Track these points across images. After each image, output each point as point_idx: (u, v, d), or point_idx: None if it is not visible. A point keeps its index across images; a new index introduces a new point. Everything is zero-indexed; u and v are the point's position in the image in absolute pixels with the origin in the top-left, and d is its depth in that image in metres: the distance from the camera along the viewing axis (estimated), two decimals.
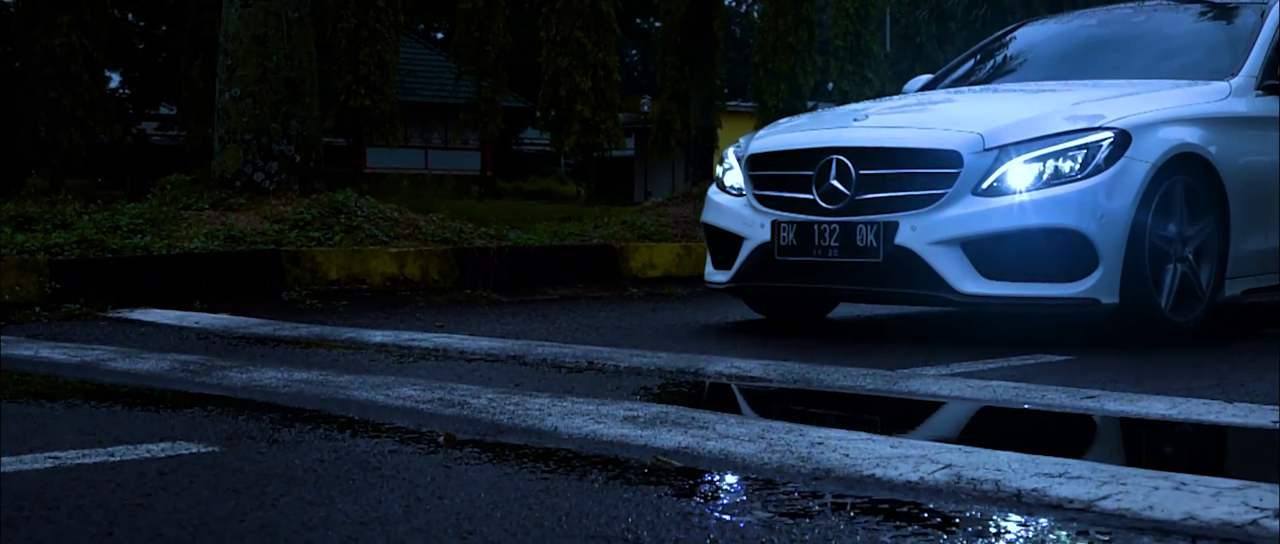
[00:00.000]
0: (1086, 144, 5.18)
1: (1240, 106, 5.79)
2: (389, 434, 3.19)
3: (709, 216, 6.03)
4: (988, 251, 5.09)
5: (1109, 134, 5.19)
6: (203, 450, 2.94)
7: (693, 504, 2.51)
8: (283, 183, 8.42)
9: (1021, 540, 2.27)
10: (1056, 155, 5.16)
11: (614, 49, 26.13)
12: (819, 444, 2.95)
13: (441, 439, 3.12)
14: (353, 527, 2.33)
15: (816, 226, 5.41)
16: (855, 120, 5.75)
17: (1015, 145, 5.20)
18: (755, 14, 44.33)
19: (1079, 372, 4.36)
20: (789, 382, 4.08)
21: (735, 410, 3.38)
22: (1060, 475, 2.63)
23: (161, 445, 2.98)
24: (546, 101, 25.96)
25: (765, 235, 5.59)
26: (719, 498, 2.58)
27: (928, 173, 5.24)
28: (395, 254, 7.60)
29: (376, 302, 7.06)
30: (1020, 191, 5.11)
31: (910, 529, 2.33)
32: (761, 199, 5.69)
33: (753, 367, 4.30)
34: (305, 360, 4.49)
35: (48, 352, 4.56)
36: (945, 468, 2.71)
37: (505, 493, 2.59)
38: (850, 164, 5.38)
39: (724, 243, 5.85)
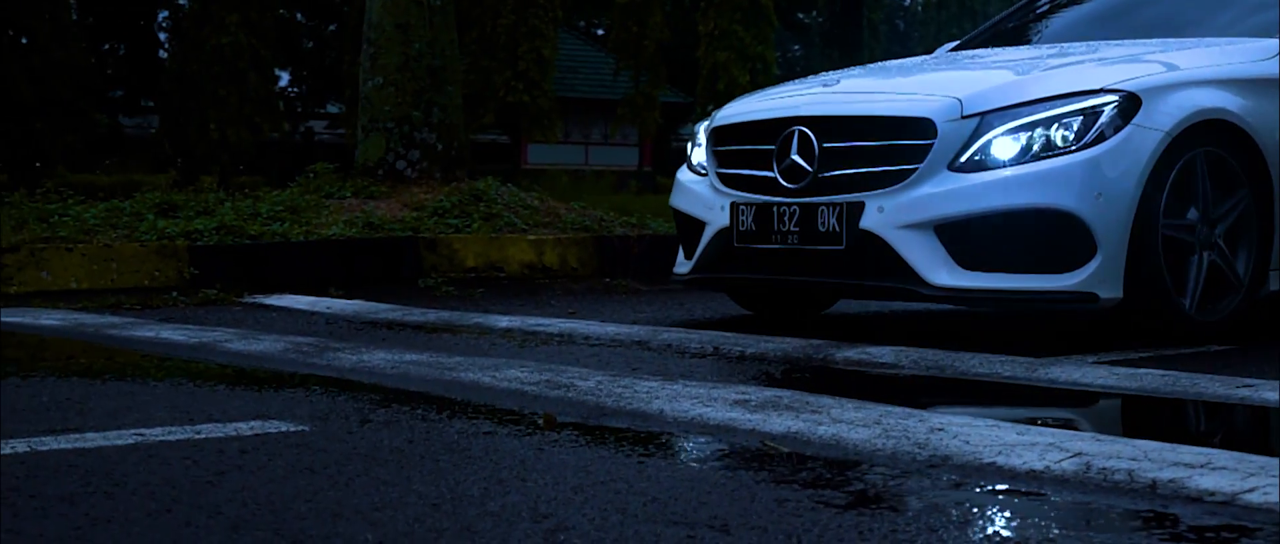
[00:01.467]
0: (1084, 109, 4.37)
1: None
2: (487, 415, 3.05)
3: (675, 199, 5.29)
4: (965, 237, 4.34)
5: (1112, 98, 4.38)
6: (291, 429, 2.84)
7: (790, 491, 2.33)
8: (424, 171, 8.39)
9: (1155, 538, 2.04)
10: (1048, 123, 4.36)
11: (772, 42, 25.88)
12: (938, 430, 2.74)
13: (540, 421, 2.97)
14: (424, 508, 2.19)
15: (775, 209, 4.68)
16: (825, 86, 5.04)
17: (999, 112, 4.41)
18: (919, 7, 43.66)
19: (1239, 361, 4.05)
20: (921, 368, 3.86)
21: (855, 395, 3.17)
22: (1202, 466, 2.38)
23: (252, 424, 2.89)
24: (704, 95, 25.80)
25: (725, 219, 4.86)
26: (820, 485, 2.38)
27: (897, 145, 4.48)
28: (533, 241, 7.51)
29: (512, 289, 6.97)
30: (1004, 166, 4.34)
31: (1028, 522, 2.11)
32: (723, 178, 4.95)
33: (884, 353, 4.08)
34: (422, 343, 4.40)
35: (169, 333, 4.54)
36: (1074, 456, 2.48)
37: (593, 476, 2.43)
38: (813, 136, 4.63)
39: (689, 229, 5.14)
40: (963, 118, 4.41)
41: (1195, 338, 4.44)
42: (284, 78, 33.98)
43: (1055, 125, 4.35)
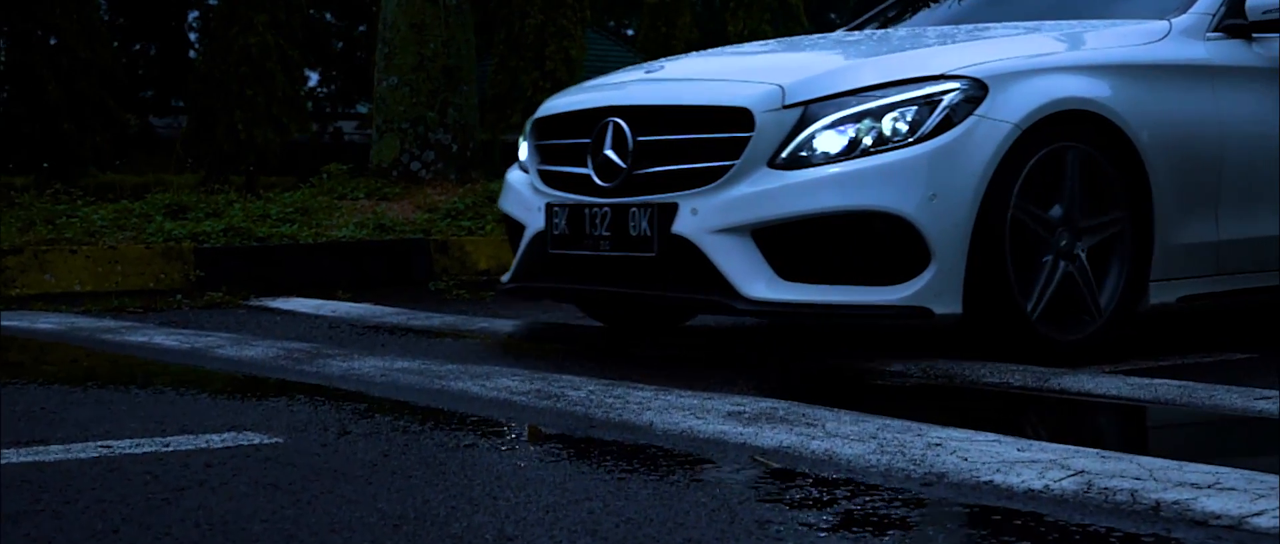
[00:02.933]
0: (920, 98, 3.83)
1: (1181, 52, 4.33)
2: (471, 427, 2.95)
3: (501, 200, 4.78)
4: (785, 243, 3.81)
5: (954, 84, 3.83)
6: (264, 442, 2.74)
7: (775, 511, 2.21)
8: (439, 172, 8.30)
9: None
10: (879, 113, 3.82)
11: None
12: (936, 445, 2.61)
13: (525, 433, 2.86)
14: (385, 528, 2.09)
15: (588, 211, 4.13)
16: (648, 73, 4.54)
17: (825, 101, 3.87)
18: None
19: (1260, 371, 3.90)
20: (929, 377, 3.73)
21: (856, 406, 3.05)
22: (1210, 486, 2.25)
23: (224, 436, 2.79)
24: None
25: (542, 222, 4.32)
26: (806, 504, 2.27)
27: (712, 139, 3.94)
28: None
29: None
30: (829, 162, 3.79)
31: None
32: (544, 176, 4.42)
33: (894, 361, 3.96)
34: (420, 349, 4.29)
35: (162, 338, 4.45)
36: (1076, 475, 2.35)
37: (569, 494, 2.32)
38: (627, 129, 4.08)
39: (513, 233, 4.63)
40: (784, 107, 3.87)
41: (1049, 359, 3.89)
42: (314, 78, 34.04)
43: (888, 116, 3.82)
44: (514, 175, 4.69)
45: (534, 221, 4.37)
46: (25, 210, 7.14)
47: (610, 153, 4.11)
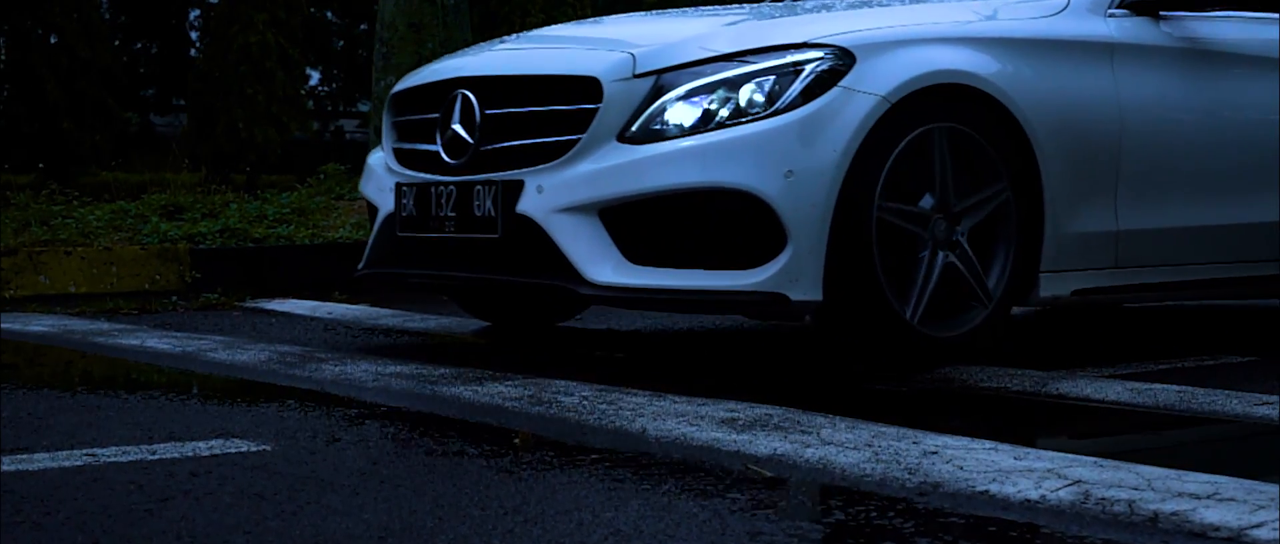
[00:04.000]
0: (780, 68, 3.58)
1: (1078, 28, 4.06)
2: (461, 434, 2.91)
3: (361, 183, 4.56)
4: (634, 223, 3.56)
5: (818, 54, 3.58)
6: (252, 449, 2.71)
7: (766, 522, 2.18)
8: None
9: None
10: (736, 83, 3.58)
11: None
12: (932, 454, 2.58)
13: (516, 441, 2.83)
14: (370, 539, 2.06)
15: (434, 190, 3.92)
16: (503, 42, 4.33)
17: (679, 70, 3.63)
18: None
19: (1261, 375, 3.87)
20: (926, 381, 3.70)
21: (851, 413, 3.02)
22: (1208, 496, 2.22)
23: (212, 443, 2.75)
24: None
25: (392, 204, 4.11)
26: (799, 515, 2.23)
27: (560, 111, 3.72)
28: None
29: None
30: (681, 136, 3.56)
31: None
32: (398, 155, 4.19)
33: (885, 364, 3.92)
34: (413, 352, 4.26)
35: (155, 342, 4.42)
36: (1073, 485, 2.32)
37: (557, 504, 2.29)
38: (475, 102, 3.87)
39: (372, 217, 4.39)
40: (635, 76, 3.63)
41: (924, 356, 3.71)
42: (315, 77, 33.97)
43: (745, 87, 3.57)
44: (374, 157, 4.43)
45: (386, 203, 4.15)
46: (21, 211, 7.11)
47: (458, 127, 3.89)
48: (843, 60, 3.58)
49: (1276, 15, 4.55)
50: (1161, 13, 4.24)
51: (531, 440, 2.83)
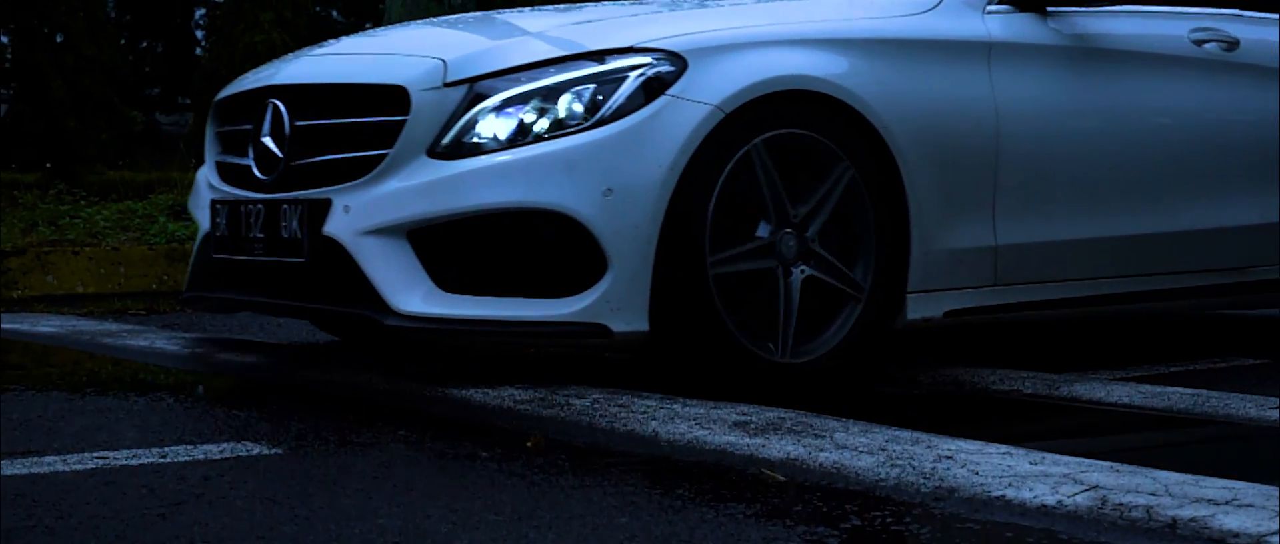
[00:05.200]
0: (602, 74, 3.29)
1: (950, 26, 3.72)
2: (473, 437, 2.91)
3: (189, 200, 4.13)
4: (445, 247, 3.27)
5: (645, 59, 3.29)
6: (264, 452, 2.70)
7: (781, 527, 2.17)
8: None
9: None
10: (554, 93, 3.28)
11: None
12: (946, 458, 2.57)
13: (529, 444, 2.82)
14: None
15: (244, 209, 3.58)
16: (329, 46, 4.00)
17: (494, 77, 3.33)
18: None
19: (1272, 378, 3.86)
20: (938, 384, 3.68)
21: (864, 416, 3.00)
22: (1227, 502, 2.21)
23: (223, 446, 2.75)
24: None
25: (209, 222, 3.79)
26: (814, 520, 2.22)
27: (368, 123, 3.41)
28: None
29: None
30: (495, 150, 3.26)
31: None
32: (219, 168, 3.82)
33: (897, 367, 3.91)
34: (425, 353, 4.25)
35: (164, 343, 4.41)
36: (1089, 490, 2.31)
37: (569, 509, 2.28)
38: (285, 113, 3.54)
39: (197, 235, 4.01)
40: (446, 85, 3.32)
41: (780, 383, 3.37)
42: None
43: (564, 96, 3.28)
44: (201, 172, 4.01)
45: (205, 222, 3.83)
46: (29, 211, 7.12)
47: (268, 141, 3.56)
48: (673, 66, 3.30)
49: (1180, 9, 4.26)
50: (1049, 9, 3.90)
51: (543, 444, 2.82)
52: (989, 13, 3.82)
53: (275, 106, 3.57)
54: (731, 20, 3.56)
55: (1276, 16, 4.49)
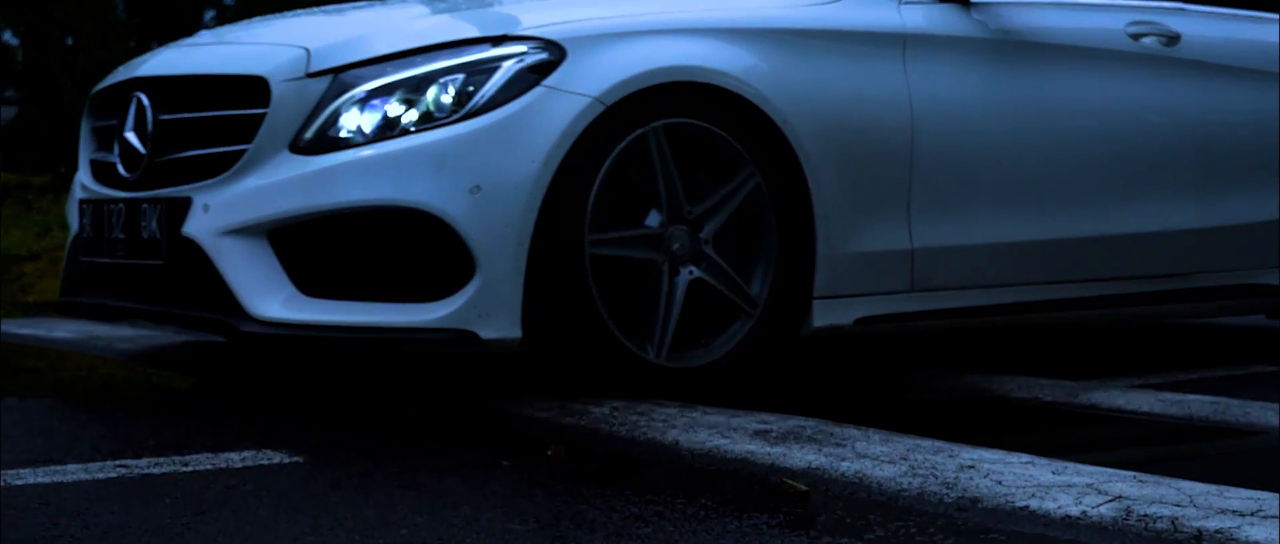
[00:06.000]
0: (473, 64, 3.12)
1: (859, 17, 3.54)
2: (493, 445, 2.90)
3: (67, 200, 3.93)
4: (307, 249, 3.10)
5: (520, 48, 3.13)
6: (286, 461, 2.70)
7: (803, 539, 2.17)
8: None
9: None
10: (422, 83, 3.11)
11: None
12: (969, 468, 2.57)
13: (549, 452, 2.82)
14: None
15: (107, 208, 3.43)
16: (202, 37, 3.87)
17: (360, 68, 3.16)
18: None
19: None
20: (957, 392, 3.68)
21: (884, 424, 3.00)
22: (1253, 513, 2.20)
23: (245, 454, 2.74)
24: None
25: (76, 223, 3.65)
26: (837, 531, 2.22)
27: (228, 117, 3.24)
28: None
29: None
30: (359, 144, 3.10)
31: None
32: (92, 166, 3.63)
33: (916, 374, 3.91)
34: (445, 361, 4.25)
35: (179, 349, 4.41)
36: (1114, 501, 2.30)
37: (592, 520, 2.28)
38: (149, 106, 3.37)
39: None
40: (309, 75, 3.16)
41: (663, 392, 3.22)
42: None
43: (432, 87, 3.11)
44: (79, 172, 3.81)
45: (74, 223, 3.67)
46: (42, 215, 7.12)
47: (131, 136, 3.40)
48: (550, 55, 3.12)
49: (1117, 1, 4.07)
50: (973, 0, 3.73)
51: (563, 453, 2.81)
52: (906, 3, 3.63)
53: (139, 100, 3.40)
54: (618, 8, 3.36)
55: (1223, 10, 4.27)
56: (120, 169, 3.43)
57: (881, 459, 2.65)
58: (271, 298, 3.08)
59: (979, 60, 3.70)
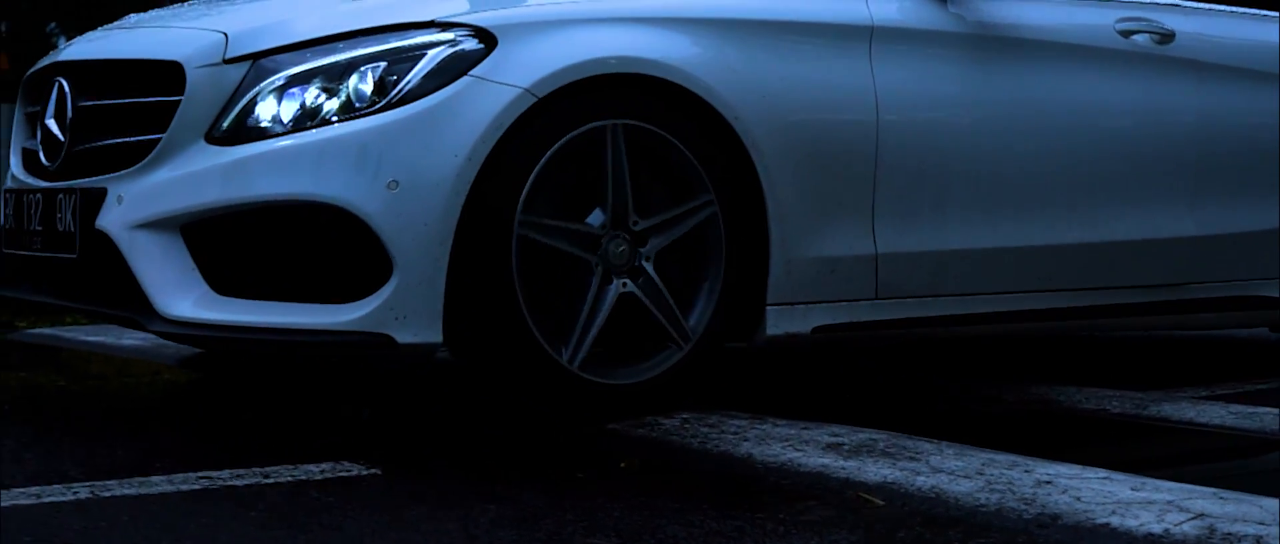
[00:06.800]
0: (396, 51, 2.96)
1: (821, 8, 3.39)
2: (567, 456, 2.92)
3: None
4: (222, 245, 2.95)
5: (447, 35, 2.97)
6: (363, 472, 2.72)
7: None
8: None
9: None
10: (342, 70, 2.96)
11: None
12: (1046, 483, 2.56)
13: (623, 465, 2.83)
14: None
15: (26, 198, 3.33)
16: (128, 20, 3.64)
17: (279, 53, 3.00)
18: None
19: None
20: (1023, 402, 3.67)
21: (953, 436, 3.00)
22: None
23: (324, 466, 2.77)
24: None
25: (1, 214, 3.54)
26: None
27: (144, 104, 3.10)
28: None
29: None
30: (276, 135, 2.95)
31: None
32: (23, 154, 3.54)
33: (983, 384, 3.90)
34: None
35: (247, 359, 4.46)
36: (1195, 518, 2.30)
37: (672, 534, 2.29)
38: (68, 92, 3.26)
39: None
40: (226, 62, 3.01)
41: (594, 405, 3.08)
42: None
43: (353, 75, 2.96)
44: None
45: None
46: None
47: (51, 123, 3.29)
48: (479, 43, 2.95)
49: None
50: None
51: (637, 466, 2.83)
52: None
53: (60, 85, 3.28)
54: None
55: (1221, 8, 4.11)
56: (41, 157, 3.33)
57: (957, 474, 2.66)
58: (183, 296, 2.94)
59: (954, 56, 3.53)
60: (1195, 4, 4.08)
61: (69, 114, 3.24)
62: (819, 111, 3.29)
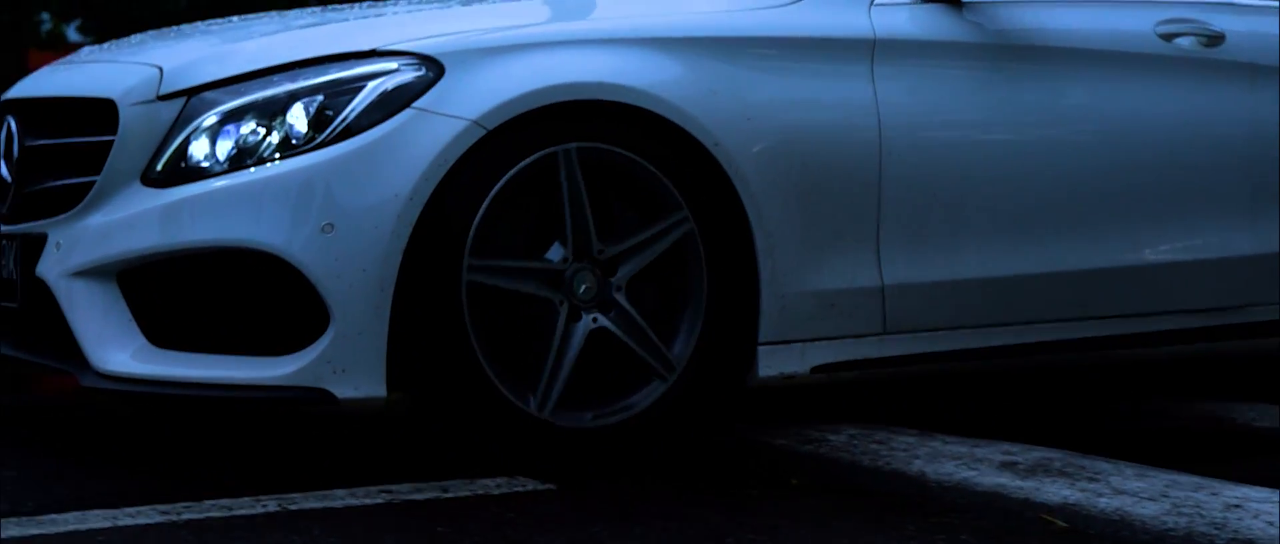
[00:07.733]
0: (334, 84, 2.76)
1: (818, 23, 3.10)
2: (736, 473, 2.92)
3: None
4: (158, 294, 2.78)
5: (390, 65, 2.77)
6: (539, 488, 2.75)
7: None
8: None
9: None
10: (278, 105, 2.76)
11: None
12: (1234, 507, 2.51)
13: (794, 482, 2.83)
14: None
15: None
16: (80, 56, 3.51)
17: (214, 89, 2.82)
18: None
19: None
20: (1196, 419, 3.60)
21: (1129, 456, 2.95)
22: None
23: (499, 481, 2.79)
24: None
25: None
26: None
27: (81, 144, 2.94)
28: None
29: None
30: (210, 175, 2.76)
31: None
32: None
33: (1151, 400, 3.83)
34: None
35: None
36: None
37: None
38: (16, 132, 3.10)
39: None
40: (160, 98, 2.84)
41: (558, 455, 2.85)
42: None
43: (290, 110, 2.76)
44: None
45: None
46: None
47: (0, 164, 3.14)
48: (425, 73, 2.76)
49: None
50: (965, 0, 3.26)
51: (808, 483, 2.82)
52: (880, 4, 3.18)
53: (9, 125, 3.13)
54: (521, 16, 3.03)
55: (1276, 4, 3.66)
56: None
57: (1140, 496, 2.61)
58: (120, 349, 2.77)
59: (971, 68, 3.26)
60: (1248, 1, 3.68)
61: (15, 154, 3.10)
62: (812, 135, 3.03)
